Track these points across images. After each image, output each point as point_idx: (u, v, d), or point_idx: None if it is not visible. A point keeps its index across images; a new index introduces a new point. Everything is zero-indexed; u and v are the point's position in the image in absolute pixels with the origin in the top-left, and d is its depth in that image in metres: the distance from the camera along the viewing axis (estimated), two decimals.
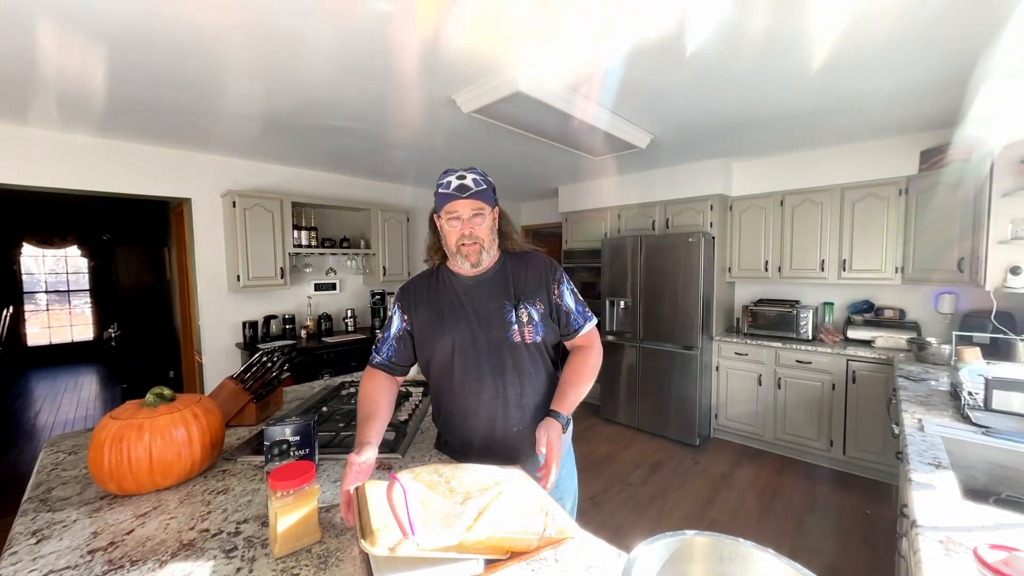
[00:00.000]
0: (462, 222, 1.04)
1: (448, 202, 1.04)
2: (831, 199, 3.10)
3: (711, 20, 1.48)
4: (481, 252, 1.06)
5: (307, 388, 1.84)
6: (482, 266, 1.09)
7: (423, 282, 1.16)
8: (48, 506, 0.91)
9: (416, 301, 1.13)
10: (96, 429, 0.96)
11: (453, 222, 1.05)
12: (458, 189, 1.03)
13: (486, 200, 1.06)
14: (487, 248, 1.07)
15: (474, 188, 1.03)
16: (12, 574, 0.71)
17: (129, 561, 0.74)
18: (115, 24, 1.45)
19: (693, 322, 3.30)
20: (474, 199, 1.04)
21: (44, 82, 1.88)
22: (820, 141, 2.97)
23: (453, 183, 1.04)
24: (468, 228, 1.04)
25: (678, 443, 3.40)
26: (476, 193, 1.03)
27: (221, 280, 3.24)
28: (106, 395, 5.21)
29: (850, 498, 2.62)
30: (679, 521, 2.39)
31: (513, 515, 0.74)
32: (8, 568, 0.72)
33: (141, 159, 2.85)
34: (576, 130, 2.45)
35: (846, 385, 2.89)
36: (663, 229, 3.72)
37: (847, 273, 3.07)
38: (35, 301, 6.84)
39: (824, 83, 2.01)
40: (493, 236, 1.10)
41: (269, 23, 1.46)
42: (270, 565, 0.73)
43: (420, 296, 1.14)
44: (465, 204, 1.03)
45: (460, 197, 1.03)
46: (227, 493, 0.96)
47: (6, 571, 0.71)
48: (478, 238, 1.05)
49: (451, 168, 1.08)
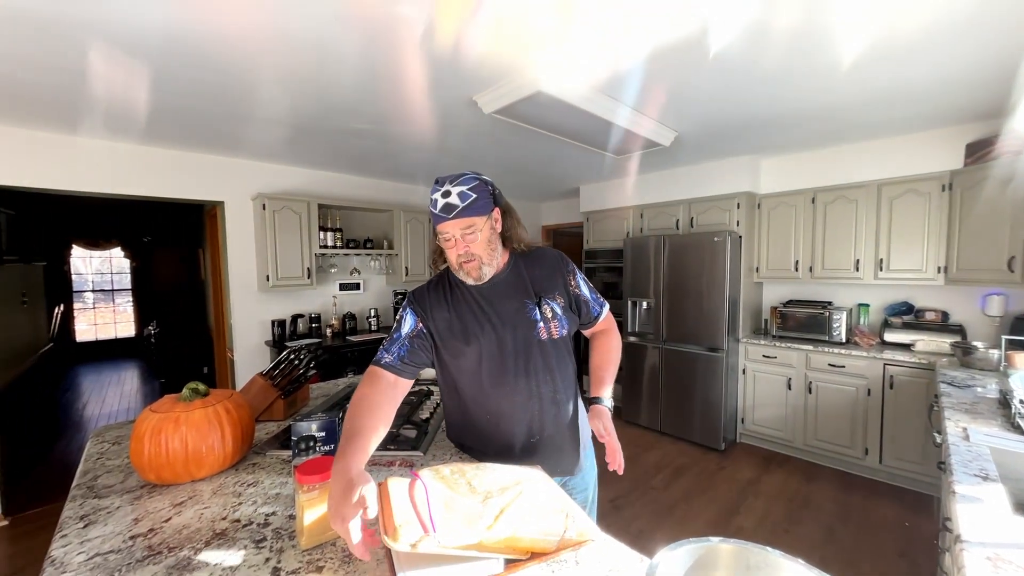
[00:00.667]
0: (455, 241, 0.99)
1: (438, 223, 0.99)
2: (867, 196, 2.96)
3: (736, 19, 1.44)
4: (481, 267, 1.02)
5: (332, 385, 1.89)
6: (486, 279, 1.04)
7: (436, 289, 1.10)
8: (94, 493, 0.97)
9: (432, 309, 1.06)
10: (137, 421, 1.01)
11: (447, 243, 1.01)
12: (443, 209, 0.97)
13: (477, 212, 0.98)
14: (487, 262, 1.02)
15: (460, 205, 0.96)
16: (62, 555, 0.76)
17: (167, 548, 0.77)
18: (155, 41, 1.53)
19: (718, 323, 3.22)
20: (461, 217, 0.96)
21: (92, 95, 2.00)
22: (854, 135, 2.84)
23: (439, 202, 0.97)
24: (463, 247, 0.99)
25: (702, 447, 3.32)
26: (463, 210, 0.96)
27: (251, 280, 3.37)
28: (146, 389, 5.49)
29: (887, 509, 2.49)
30: (703, 527, 2.33)
31: (533, 515, 0.74)
32: (59, 549, 0.77)
33: (179, 164, 2.99)
34: (598, 129, 2.42)
35: (883, 390, 2.75)
36: (687, 228, 3.64)
37: (884, 273, 2.93)
38: (83, 300, 7.27)
39: (858, 77, 1.92)
40: (493, 246, 1.03)
41: (295, 31, 1.51)
42: (297, 556, 0.75)
43: (436, 304, 1.07)
44: (453, 225, 0.98)
45: (447, 219, 0.97)
46: (257, 486, 1.00)
47: (57, 552, 0.76)
48: (474, 255, 1.00)
49: (440, 177, 1.01)
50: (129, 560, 0.74)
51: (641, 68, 1.81)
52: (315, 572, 0.71)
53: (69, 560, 0.74)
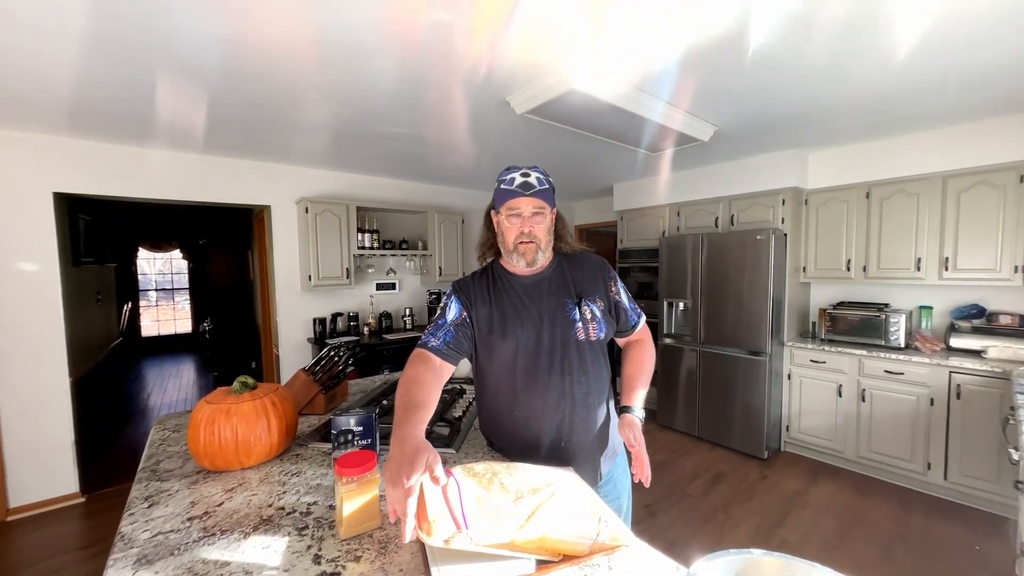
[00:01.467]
0: (522, 219, 1.04)
1: (511, 198, 1.03)
2: (930, 189, 2.73)
3: (778, 11, 1.37)
4: (537, 251, 1.05)
5: (369, 382, 1.95)
6: (536, 265, 1.08)
7: (479, 280, 1.13)
8: (157, 476, 1.05)
9: (475, 298, 1.09)
10: (193, 411, 1.09)
11: (513, 219, 1.04)
12: (521, 186, 1.03)
13: (547, 200, 1.05)
14: (543, 248, 1.06)
15: (537, 187, 1.03)
16: (130, 531, 0.82)
17: (219, 530, 0.83)
18: (212, 57, 1.64)
19: (761, 326, 3.07)
20: (536, 197, 1.03)
21: (158, 110, 2.17)
22: (914, 124, 2.62)
23: (517, 179, 1.03)
24: (528, 226, 1.04)
25: (743, 455, 3.18)
26: (539, 192, 1.03)
27: (295, 280, 3.54)
28: (201, 381, 5.89)
29: (953, 530, 2.29)
30: (743, 538, 2.23)
31: (565, 517, 0.73)
32: (127, 527, 0.84)
33: (231, 171, 3.20)
34: (632, 125, 2.37)
35: (948, 400, 2.53)
36: (727, 226, 3.49)
37: (950, 273, 2.69)
38: (147, 298, 7.90)
39: (916, 65, 1.78)
40: (550, 237, 1.09)
41: (336, 41, 1.57)
42: (336, 545, 0.78)
43: (479, 294, 1.10)
44: (528, 202, 1.03)
45: (523, 194, 1.02)
46: (299, 476, 1.05)
47: (126, 528, 0.83)
48: (536, 237, 1.04)
49: (514, 165, 1.08)
50: (187, 540, 0.80)
51: (677, 63, 1.76)
52: (353, 561, 0.74)
53: (136, 536, 0.81)
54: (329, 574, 0.71)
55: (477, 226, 4.61)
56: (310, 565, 0.73)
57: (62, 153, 2.61)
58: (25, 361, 2.55)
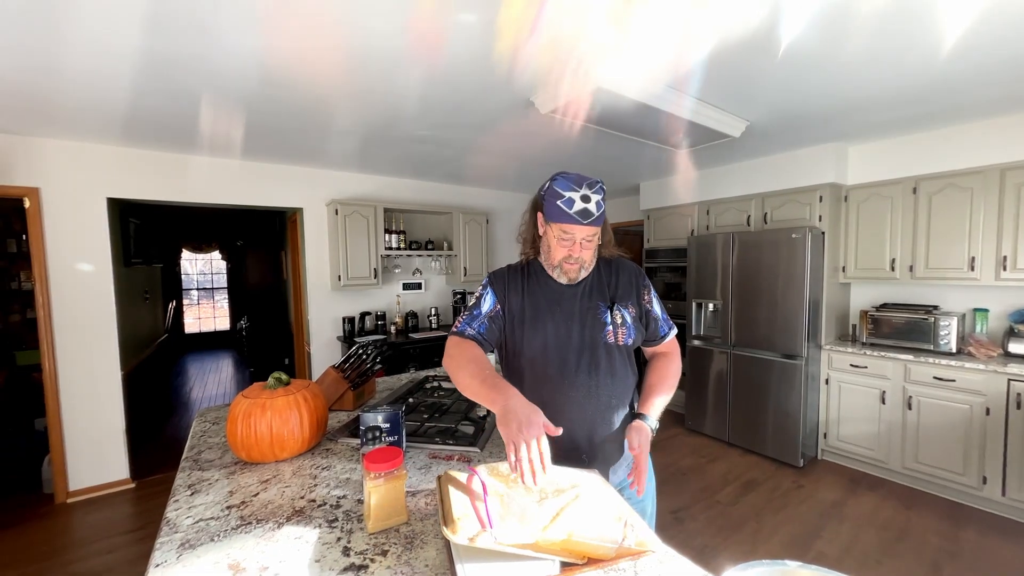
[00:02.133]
0: (575, 244, 1.02)
1: (566, 222, 0.99)
2: (985, 183, 2.55)
3: (814, 5, 1.31)
4: (580, 271, 1.06)
5: (395, 380, 1.99)
6: (578, 280, 1.09)
7: (516, 273, 1.13)
8: (199, 466, 1.11)
9: (509, 290, 1.10)
10: (232, 405, 1.14)
11: (563, 241, 1.02)
12: (580, 214, 0.98)
13: (601, 223, 1.03)
14: (587, 267, 1.07)
15: (596, 215, 0.99)
16: (175, 517, 0.87)
17: (255, 519, 0.86)
18: (250, 67, 1.72)
19: (796, 328, 2.94)
20: (593, 226, 1.00)
21: (201, 119, 2.29)
22: (964, 115, 2.45)
23: (576, 203, 0.97)
24: (578, 251, 1.03)
25: (777, 462, 3.05)
26: (596, 219, 1.00)
27: (325, 280, 3.66)
28: (238, 376, 6.17)
29: (1011, 549, 2.13)
30: (777, 549, 2.14)
31: (590, 520, 0.73)
32: (172, 512, 0.89)
33: (267, 175, 3.33)
34: (659, 122, 2.32)
35: (1007, 410, 2.35)
36: (760, 224, 3.37)
37: (1009, 273, 2.50)
38: (190, 296, 8.35)
39: (965, 53, 1.67)
40: (596, 254, 1.09)
41: (364, 47, 1.61)
42: (364, 539, 0.80)
43: (513, 285, 1.11)
44: (583, 230, 1.00)
45: (581, 223, 0.98)
46: (330, 470, 1.08)
47: (171, 514, 0.88)
48: (583, 260, 1.04)
49: (569, 174, 1.02)
50: (226, 527, 0.84)
51: (707, 59, 1.71)
52: (380, 555, 0.76)
53: (180, 522, 0.86)
54: (358, 566, 0.73)
55: (502, 226, 4.66)
56: (340, 556, 0.75)
57: (115, 161, 2.79)
58: (82, 355, 2.74)
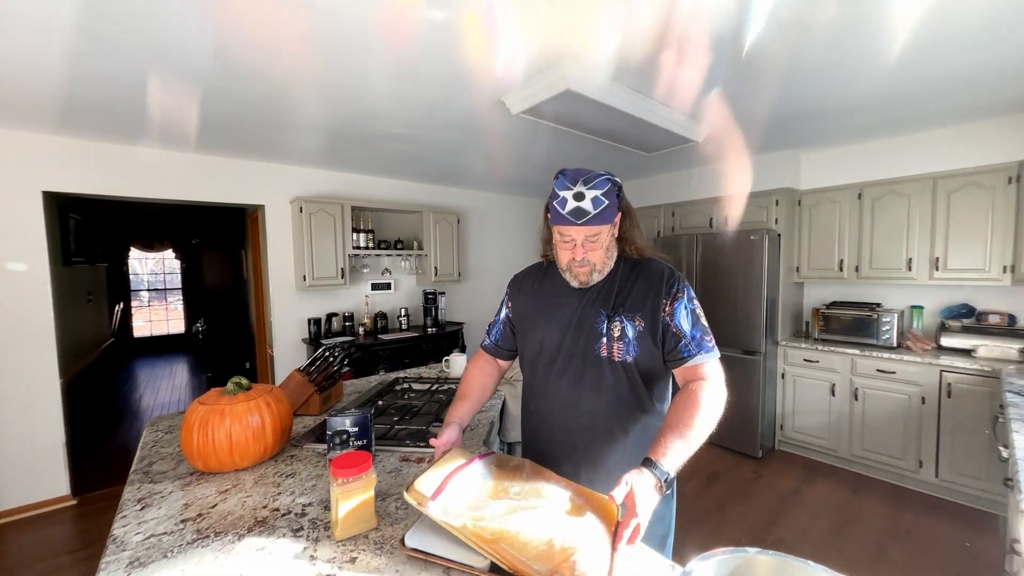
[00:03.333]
0: (575, 246, 0.95)
1: (561, 224, 0.94)
2: (921, 190, 2.76)
3: (773, 11, 1.38)
4: (592, 273, 0.97)
5: (364, 382, 1.95)
6: (591, 285, 1.00)
7: (533, 273, 1.14)
8: (150, 478, 1.04)
9: (522, 290, 1.13)
10: (187, 412, 1.08)
11: (564, 244, 0.96)
12: (573, 213, 0.91)
13: (605, 221, 0.93)
14: (599, 269, 0.98)
15: (592, 212, 0.91)
16: (123, 534, 0.82)
17: (213, 532, 0.82)
18: (204, 55, 1.63)
19: (755, 326, 3.09)
20: (591, 225, 0.92)
21: (149, 109, 2.14)
22: (906, 126, 2.66)
23: (569, 202, 0.91)
24: (581, 253, 0.95)
25: (738, 454, 3.20)
26: (594, 218, 0.91)
27: (289, 280, 3.52)
28: (194, 382, 5.83)
29: (944, 527, 2.32)
30: (739, 537, 2.24)
31: (529, 535, 0.69)
32: (120, 529, 0.83)
33: (224, 170, 3.17)
34: (627, 126, 2.38)
35: (939, 399, 2.56)
36: (722, 226, 3.51)
37: (941, 273, 2.73)
38: (139, 298, 7.83)
39: (909, 67, 1.81)
40: (610, 253, 0.99)
41: (329, 39, 1.56)
42: (332, 547, 0.78)
43: (527, 286, 1.12)
44: (580, 231, 0.93)
45: (575, 223, 0.92)
46: (294, 477, 1.04)
47: (118, 531, 0.83)
48: (590, 263, 0.96)
49: (568, 171, 0.95)
50: (180, 542, 0.79)
51: (672, 65, 1.76)
52: (349, 562, 0.74)
53: (128, 539, 0.80)
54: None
55: (474, 225, 4.64)
56: (306, 566, 0.73)
57: (52, 152, 2.57)
58: (15, 362, 2.51)
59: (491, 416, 1.49)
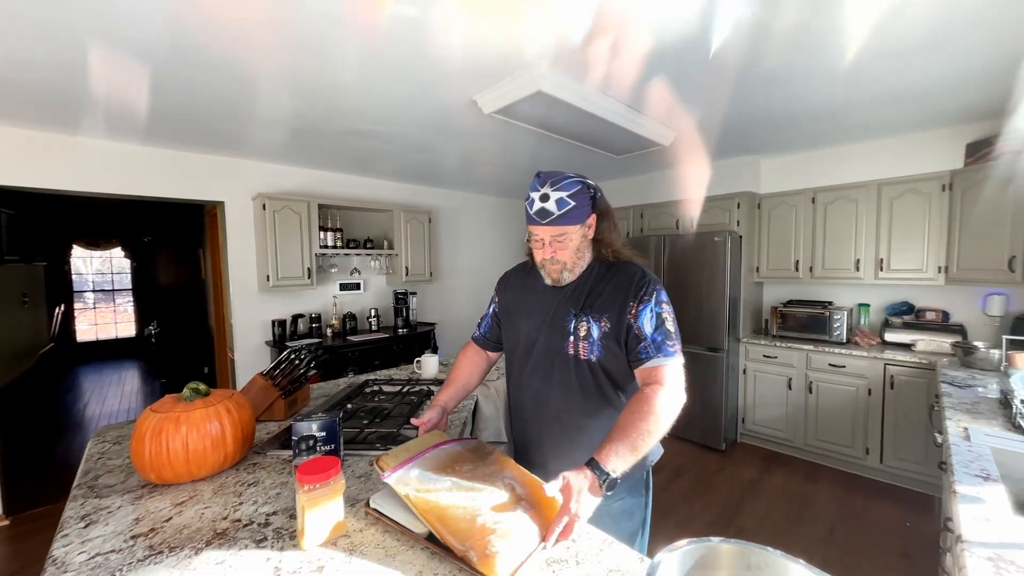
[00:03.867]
0: (544, 245, 1.00)
1: (529, 224, 1.00)
2: (867, 196, 2.96)
3: (735, 16, 1.44)
4: (563, 272, 1.02)
5: (332, 385, 1.89)
6: (564, 283, 1.04)
7: (520, 270, 1.20)
8: (95, 492, 0.97)
9: (508, 286, 1.19)
10: (138, 421, 1.01)
11: (535, 243, 1.01)
12: (538, 213, 0.96)
13: (571, 221, 0.96)
14: (570, 268, 1.02)
15: (556, 213, 0.95)
16: (64, 555, 0.76)
17: (168, 547, 0.77)
18: (156, 40, 1.53)
19: (719, 323, 3.22)
20: (556, 225, 0.96)
21: (93, 95, 2.00)
22: (855, 136, 2.84)
23: (535, 204, 0.96)
24: (550, 252, 0.99)
25: (703, 447, 3.32)
26: (559, 218, 0.95)
27: (252, 280, 3.37)
28: (147, 389, 5.49)
29: (888, 509, 2.49)
30: (704, 527, 2.33)
31: (460, 512, 0.76)
32: (60, 549, 0.77)
33: (179, 164, 2.99)
34: (598, 129, 2.42)
35: (883, 390, 2.75)
36: (688, 228, 3.64)
37: (884, 273, 2.93)
38: (83, 300, 7.27)
39: (859, 77, 1.92)
40: (581, 253, 1.02)
41: (295, 30, 1.51)
42: (298, 556, 0.75)
43: (512, 283, 1.18)
44: (545, 230, 0.97)
45: (540, 223, 0.97)
46: (257, 485, 1.00)
47: (58, 552, 0.76)
48: (560, 261, 1.00)
49: (542, 173, 0.98)
50: (130, 560, 0.74)
51: (641, 68, 1.81)
52: (316, 572, 0.71)
53: (70, 560, 0.74)
54: None
55: (445, 225, 4.59)
56: None
57: None
58: None
59: (463, 416, 1.48)
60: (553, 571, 0.71)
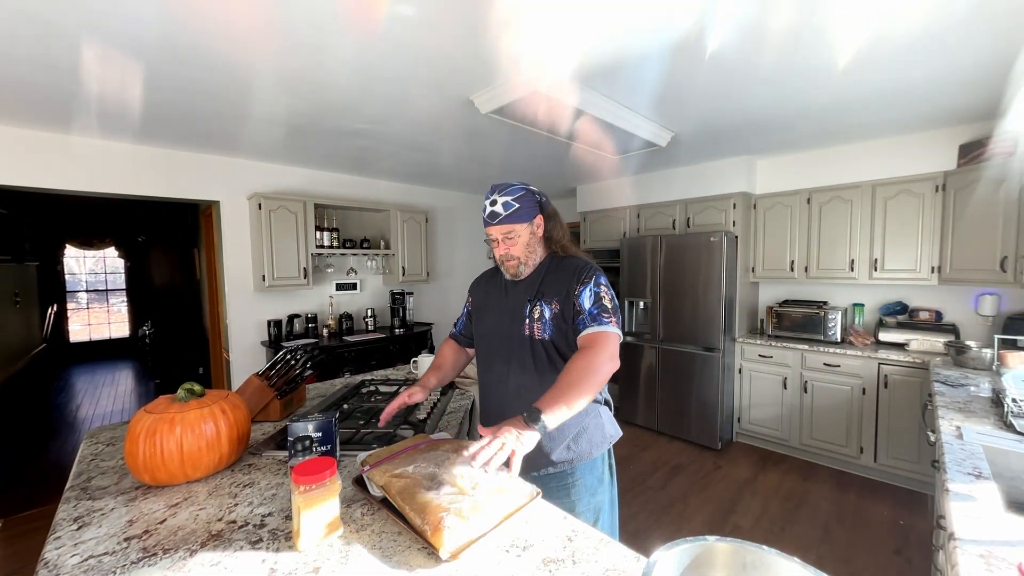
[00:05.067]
0: (498, 243, 1.17)
1: (485, 226, 1.19)
2: (861, 196, 2.98)
3: (733, 17, 1.45)
4: (519, 266, 1.19)
5: (328, 386, 1.88)
6: (522, 276, 1.21)
7: (488, 273, 1.36)
8: (88, 494, 0.96)
9: (478, 288, 1.35)
10: (132, 422, 1.00)
11: (492, 243, 1.19)
12: (489, 216, 1.15)
13: (518, 220, 1.15)
14: (524, 262, 1.18)
15: (503, 213, 1.13)
16: (56, 557, 0.75)
17: (162, 549, 0.77)
18: (150, 38, 1.52)
19: (715, 323, 3.23)
20: (504, 224, 1.14)
21: (86, 93, 1.98)
22: (849, 136, 2.86)
23: (487, 208, 1.15)
24: (504, 249, 1.17)
25: (699, 446, 3.33)
26: (506, 218, 1.14)
27: (247, 280, 3.35)
28: (141, 390, 5.45)
29: (882, 507, 2.51)
30: (700, 526, 2.34)
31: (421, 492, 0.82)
32: (52, 552, 0.76)
33: (174, 164, 2.97)
34: (595, 129, 2.43)
35: (877, 390, 2.77)
36: (684, 228, 3.65)
37: (879, 273, 2.95)
38: (76, 300, 7.22)
39: (853, 77, 1.93)
40: (531, 248, 1.19)
41: (291, 28, 1.50)
42: (293, 557, 0.75)
43: (481, 284, 1.35)
44: (496, 230, 1.16)
45: (491, 224, 1.15)
46: (253, 486, 1.00)
47: (50, 554, 0.76)
48: (513, 256, 1.17)
49: (494, 185, 1.18)
50: (124, 562, 0.73)
51: (638, 68, 1.82)
52: (312, 573, 0.71)
53: (63, 562, 0.74)
54: None
55: (442, 225, 4.59)
56: None
57: None
58: None
59: (460, 417, 1.48)
60: (550, 571, 0.71)
